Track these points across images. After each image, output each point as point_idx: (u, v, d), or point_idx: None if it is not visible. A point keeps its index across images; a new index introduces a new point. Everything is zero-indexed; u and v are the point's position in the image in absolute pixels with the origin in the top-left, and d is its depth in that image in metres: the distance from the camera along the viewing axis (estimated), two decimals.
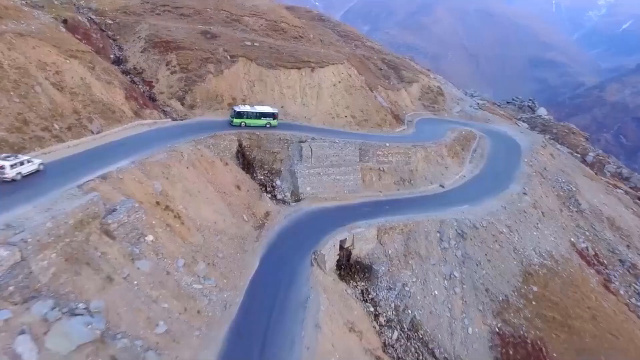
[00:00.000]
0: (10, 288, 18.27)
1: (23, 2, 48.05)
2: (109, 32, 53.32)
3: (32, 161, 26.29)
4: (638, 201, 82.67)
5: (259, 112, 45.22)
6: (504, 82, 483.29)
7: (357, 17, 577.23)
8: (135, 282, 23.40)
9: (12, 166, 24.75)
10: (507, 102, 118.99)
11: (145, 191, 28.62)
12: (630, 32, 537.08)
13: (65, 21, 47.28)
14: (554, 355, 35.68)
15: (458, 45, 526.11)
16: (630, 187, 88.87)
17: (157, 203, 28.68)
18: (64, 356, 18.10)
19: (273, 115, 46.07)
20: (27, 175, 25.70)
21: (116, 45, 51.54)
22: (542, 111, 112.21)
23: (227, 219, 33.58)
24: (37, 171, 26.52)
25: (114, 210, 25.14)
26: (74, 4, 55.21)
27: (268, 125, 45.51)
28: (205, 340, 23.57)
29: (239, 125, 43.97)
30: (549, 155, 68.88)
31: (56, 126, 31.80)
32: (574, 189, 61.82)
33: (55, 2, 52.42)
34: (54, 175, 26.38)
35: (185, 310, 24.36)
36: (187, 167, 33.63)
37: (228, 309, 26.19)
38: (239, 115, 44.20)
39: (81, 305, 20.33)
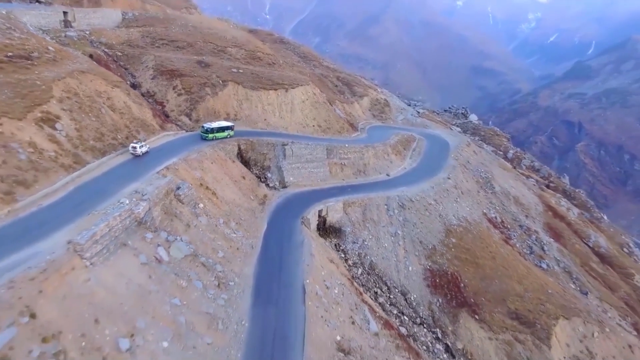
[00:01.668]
0: (148, 223, 33.68)
1: (53, 40, 61.63)
2: (120, 62, 67.56)
3: (146, 145, 44.80)
4: (545, 187, 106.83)
5: (222, 127, 57.68)
6: (450, 90, 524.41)
7: (308, 30, 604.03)
8: (201, 229, 39.11)
9: (140, 147, 43.26)
10: (445, 110, 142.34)
11: (192, 177, 44.30)
12: (556, 43, 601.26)
13: (91, 56, 61.33)
14: (466, 281, 54.51)
15: (406, 55, 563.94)
16: (540, 177, 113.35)
17: (200, 184, 44.45)
18: (179, 260, 33.68)
19: (231, 128, 58.75)
20: (144, 153, 44.44)
21: (129, 73, 65.93)
22: (473, 117, 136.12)
23: (241, 197, 49.66)
24: (147, 152, 44.38)
25: (179, 187, 40.66)
26: (87, 39, 68.94)
27: (229, 136, 58.16)
28: (245, 263, 39.57)
29: (212, 139, 55.21)
30: (472, 152, 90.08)
31: (119, 137, 46.59)
32: (490, 176, 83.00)
33: (75, 39, 66.17)
34: (139, 165, 41.60)
35: (230, 247, 40.26)
36: (212, 163, 49.50)
37: (254, 248, 42.30)
38: (211, 131, 55.87)
39: (178, 237, 35.93)
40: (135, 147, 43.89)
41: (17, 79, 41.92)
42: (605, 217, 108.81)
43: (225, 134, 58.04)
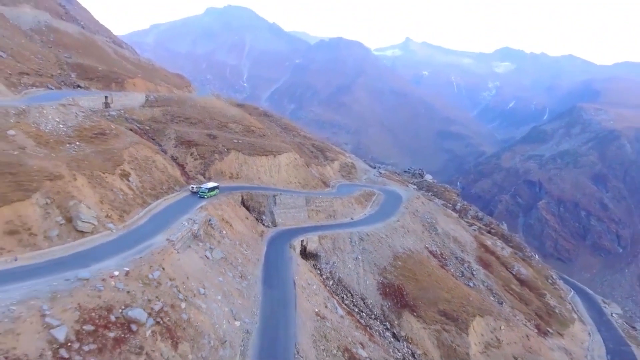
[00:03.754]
0: (198, 237, 56.79)
1: (102, 118, 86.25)
2: (149, 134, 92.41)
3: (198, 187, 68.02)
4: (487, 232, 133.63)
5: (213, 187, 77.16)
6: (420, 153, 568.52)
7: (284, 97, 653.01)
8: (226, 245, 62.12)
9: (196, 187, 67.95)
10: (404, 171, 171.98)
11: (217, 214, 67.87)
12: (515, 109, 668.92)
13: (131, 130, 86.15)
14: (408, 290, 77.81)
15: (377, 121, 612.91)
16: (483, 224, 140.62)
17: (222, 219, 68.00)
18: (217, 259, 56.47)
19: (217, 188, 77.99)
20: (196, 191, 69.05)
21: (156, 143, 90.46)
22: (428, 177, 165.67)
23: (247, 230, 73.09)
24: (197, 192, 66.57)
25: (211, 219, 64.19)
26: (123, 117, 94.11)
27: (216, 194, 76.37)
28: (255, 268, 62.33)
29: (207, 197, 72.54)
30: (420, 203, 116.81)
31: (164, 187, 70.26)
32: (434, 221, 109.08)
33: (115, 117, 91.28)
34: (182, 207, 64.98)
35: (244, 258, 63.17)
36: (227, 206, 73.36)
37: (259, 260, 65.25)
38: (209, 190, 75.15)
39: (215, 247, 58.86)
40: (193, 187, 69.91)
41: (103, 148, 66.15)
42: (536, 256, 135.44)
43: (215, 192, 76.79)
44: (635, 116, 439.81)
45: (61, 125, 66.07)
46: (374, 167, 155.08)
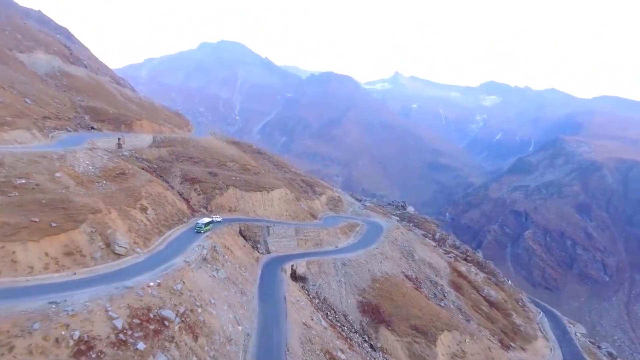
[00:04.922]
0: (207, 259, 70.31)
1: (118, 158, 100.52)
2: (157, 172, 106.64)
3: (218, 217, 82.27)
4: (463, 260, 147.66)
5: (209, 222, 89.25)
6: (410, 185, 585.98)
7: (275, 130, 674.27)
8: (229, 268, 75.55)
9: (214, 217, 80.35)
10: (388, 204, 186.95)
11: (219, 241, 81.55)
12: (501, 141, 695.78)
13: (142, 168, 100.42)
14: (384, 308, 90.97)
15: (367, 153, 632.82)
16: (460, 252, 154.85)
17: (224, 246, 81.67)
18: (222, 279, 69.92)
19: (212, 222, 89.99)
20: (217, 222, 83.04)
21: (164, 180, 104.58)
22: (410, 209, 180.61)
23: (245, 256, 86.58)
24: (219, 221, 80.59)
25: (215, 246, 77.84)
26: (134, 156, 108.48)
27: (210, 228, 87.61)
28: (252, 286, 75.59)
29: (204, 232, 79.89)
30: (400, 233, 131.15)
31: (174, 219, 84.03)
32: (412, 249, 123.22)
33: (128, 157, 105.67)
34: (191, 236, 78.65)
35: (243, 278, 76.51)
36: (228, 235, 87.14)
37: (256, 281, 78.57)
38: (205, 225, 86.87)
39: (220, 269, 72.30)
40: (210, 217, 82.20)
41: (125, 186, 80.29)
42: (509, 282, 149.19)
43: (209, 227, 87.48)
44: (615, 147, 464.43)
45: (90, 167, 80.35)
46: (360, 200, 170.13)
